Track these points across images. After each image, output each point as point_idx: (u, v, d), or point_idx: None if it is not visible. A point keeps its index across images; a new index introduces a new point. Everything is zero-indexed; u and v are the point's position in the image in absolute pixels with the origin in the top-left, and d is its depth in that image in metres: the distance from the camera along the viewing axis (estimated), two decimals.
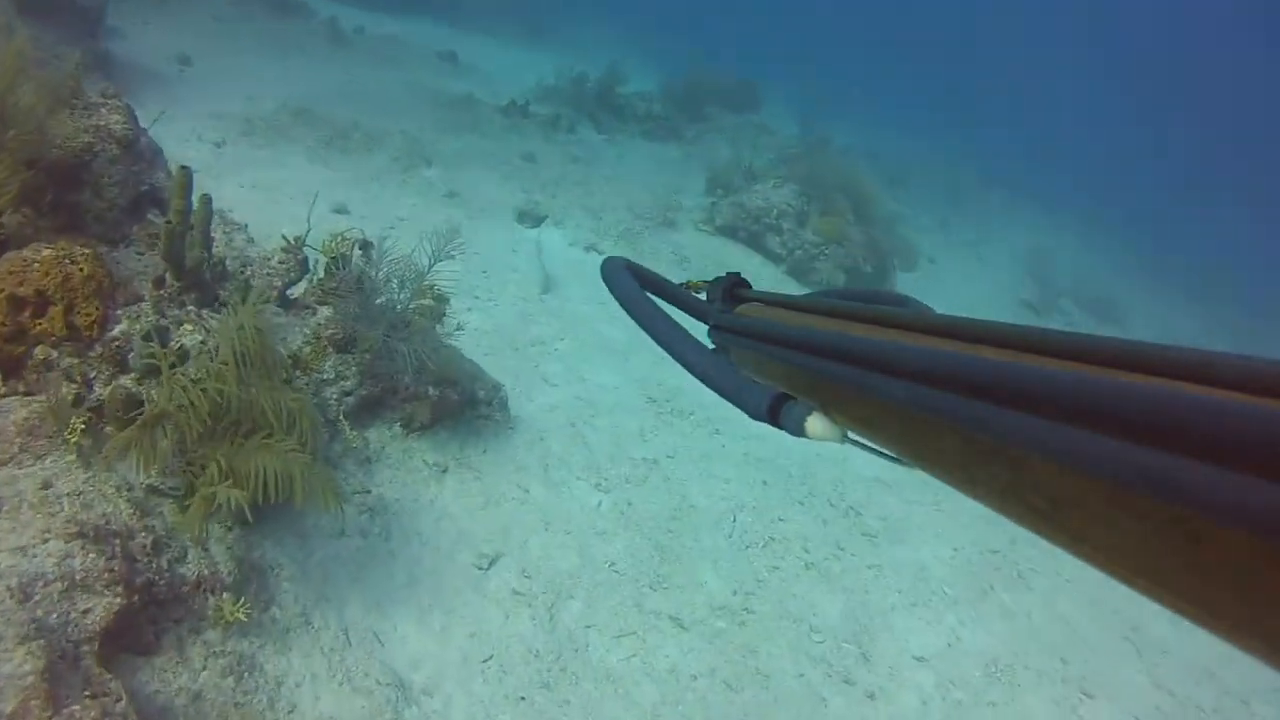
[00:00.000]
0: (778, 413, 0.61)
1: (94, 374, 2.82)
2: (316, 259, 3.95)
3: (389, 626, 3.13)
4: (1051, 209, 18.93)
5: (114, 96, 3.63)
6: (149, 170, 3.68)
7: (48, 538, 2.24)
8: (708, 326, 0.94)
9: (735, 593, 4.13)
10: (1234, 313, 17.18)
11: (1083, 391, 0.35)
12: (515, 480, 4.20)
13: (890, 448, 0.55)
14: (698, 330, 0.85)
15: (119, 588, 2.28)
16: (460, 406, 4.17)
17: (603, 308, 6.51)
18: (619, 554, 4.06)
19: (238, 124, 7.68)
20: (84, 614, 2.18)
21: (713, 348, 0.87)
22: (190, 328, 3.06)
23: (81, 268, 2.84)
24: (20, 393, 2.69)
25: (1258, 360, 0.33)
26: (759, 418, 0.63)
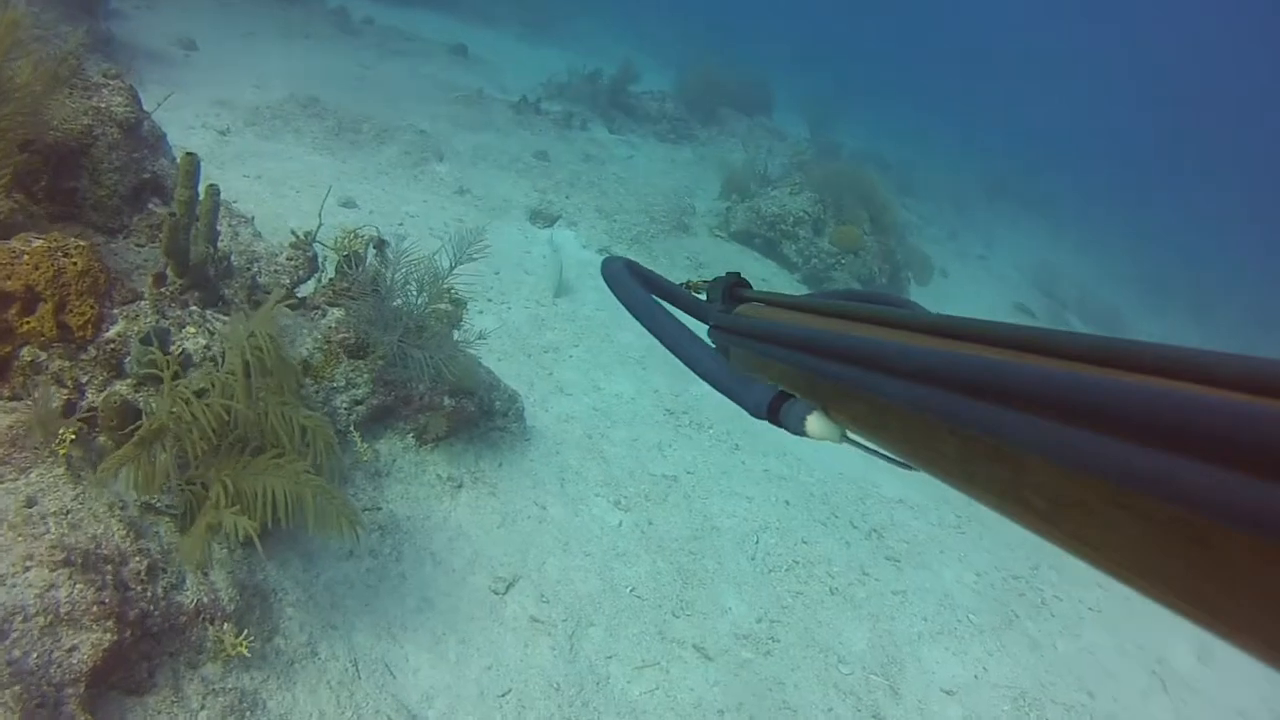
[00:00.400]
0: (778, 411, 0.62)
1: (86, 379, 2.57)
2: (325, 256, 3.72)
3: (400, 656, 2.90)
4: (1060, 224, 18.83)
5: (116, 77, 3.38)
6: (151, 156, 3.43)
7: (29, 565, 2.00)
8: (707, 327, 0.93)
9: (760, 620, 3.92)
10: (1241, 326, 17.12)
11: (1083, 391, 0.34)
12: (532, 497, 3.96)
13: (890, 448, 0.55)
14: (697, 331, 0.83)
15: (109, 622, 2.03)
16: (476, 418, 3.93)
17: (617, 314, 6.29)
18: (641, 577, 3.83)
19: (243, 112, 7.42)
20: (69, 653, 1.94)
21: (713, 348, 0.86)
22: (193, 330, 2.82)
23: (75, 261, 2.59)
24: (4, 398, 2.44)
25: (1258, 360, 0.32)
26: (759, 415, 0.63)
